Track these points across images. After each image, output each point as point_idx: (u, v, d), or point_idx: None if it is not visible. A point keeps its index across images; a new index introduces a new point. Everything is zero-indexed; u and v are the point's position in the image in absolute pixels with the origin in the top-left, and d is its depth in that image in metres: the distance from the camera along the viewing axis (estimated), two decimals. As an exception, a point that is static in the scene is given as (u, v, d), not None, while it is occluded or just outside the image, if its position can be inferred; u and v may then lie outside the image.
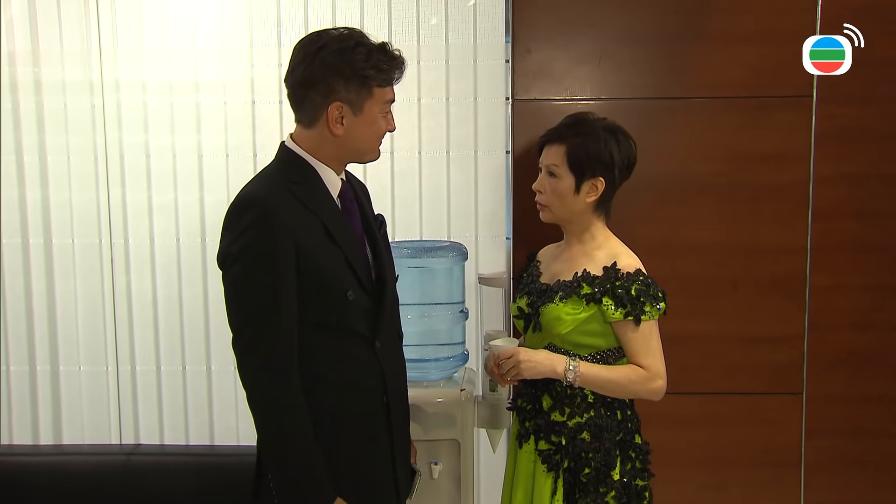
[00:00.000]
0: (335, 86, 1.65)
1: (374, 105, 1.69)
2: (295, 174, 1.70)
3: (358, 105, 1.67)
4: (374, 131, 1.72)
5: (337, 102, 1.66)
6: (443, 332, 2.45)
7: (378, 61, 1.66)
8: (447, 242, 2.59)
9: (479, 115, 2.69)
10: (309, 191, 1.69)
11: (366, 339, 1.73)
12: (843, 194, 2.57)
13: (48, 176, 2.75)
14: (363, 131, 1.70)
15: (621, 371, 1.89)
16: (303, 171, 1.71)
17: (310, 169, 1.71)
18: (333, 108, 1.66)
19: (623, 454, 1.93)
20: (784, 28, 2.53)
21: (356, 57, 1.64)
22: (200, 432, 2.83)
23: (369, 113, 1.69)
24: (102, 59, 2.70)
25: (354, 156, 1.76)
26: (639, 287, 1.86)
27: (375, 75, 1.66)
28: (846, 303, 2.60)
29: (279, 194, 1.65)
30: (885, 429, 2.65)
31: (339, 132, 1.68)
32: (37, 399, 2.83)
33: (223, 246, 1.64)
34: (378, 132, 1.73)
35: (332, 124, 1.67)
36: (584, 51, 2.56)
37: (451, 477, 2.35)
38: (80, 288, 2.79)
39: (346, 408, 1.71)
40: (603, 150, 1.91)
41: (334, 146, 1.71)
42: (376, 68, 1.66)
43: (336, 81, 1.65)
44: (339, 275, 1.68)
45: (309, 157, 1.71)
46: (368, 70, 1.65)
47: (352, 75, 1.64)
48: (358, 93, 1.66)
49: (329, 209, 1.70)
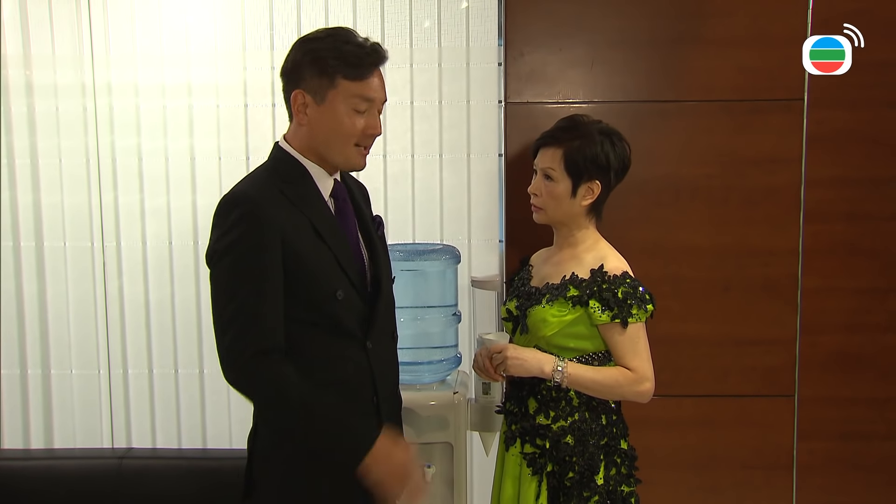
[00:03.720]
0: (301, 72, 1.65)
1: (339, 97, 1.65)
2: (285, 173, 1.69)
3: (320, 95, 1.65)
4: (339, 127, 1.67)
5: (299, 90, 1.66)
6: (436, 335, 2.45)
7: (345, 52, 1.64)
8: (440, 245, 2.59)
9: (472, 118, 2.70)
10: (298, 190, 1.68)
11: (356, 339, 1.71)
12: (834, 197, 2.58)
13: (40, 179, 2.74)
14: (326, 123, 1.66)
15: (609, 373, 1.89)
16: (293, 170, 1.70)
17: (300, 168, 1.71)
18: (297, 94, 1.66)
19: (608, 459, 1.93)
20: (776, 32, 2.54)
21: (322, 45, 1.64)
22: (193, 436, 2.82)
23: (333, 104, 1.65)
24: (94, 62, 2.70)
25: (325, 152, 1.70)
26: (625, 290, 1.87)
27: (338, 66, 1.63)
28: (837, 305, 2.61)
29: (267, 192, 1.64)
30: (877, 431, 2.66)
31: (304, 122, 1.67)
32: (28, 403, 2.82)
33: (210, 243, 1.64)
34: (344, 129, 1.67)
35: (296, 113, 1.68)
36: (576, 54, 2.57)
37: (443, 480, 2.35)
38: (71, 291, 2.78)
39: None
40: (599, 153, 1.91)
41: (305, 142, 1.70)
42: (340, 59, 1.63)
43: (303, 69, 1.65)
44: (328, 274, 1.66)
45: (299, 155, 1.71)
46: (332, 60, 1.63)
47: (314, 62, 1.64)
48: (320, 81, 1.64)
49: (318, 208, 1.69)
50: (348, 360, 1.71)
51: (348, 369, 1.71)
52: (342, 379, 1.70)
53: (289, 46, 1.73)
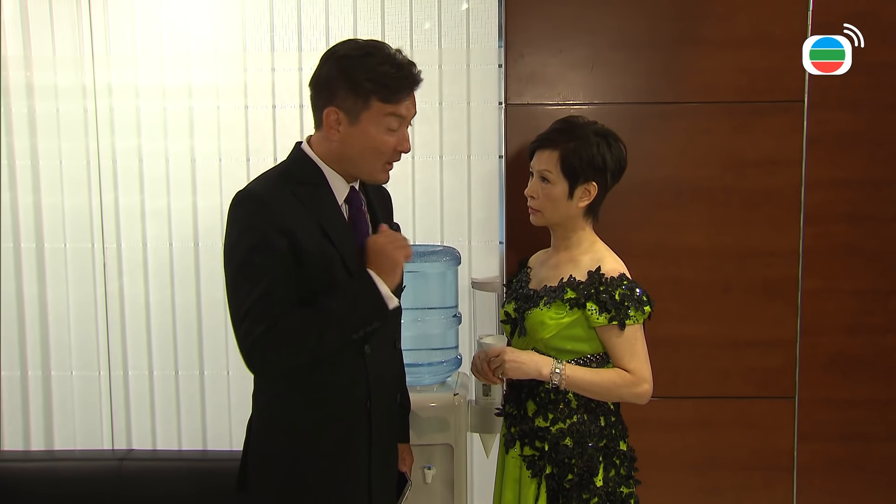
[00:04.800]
0: (336, 90, 1.64)
1: (373, 118, 1.64)
2: (300, 175, 1.69)
3: (354, 114, 1.64)
4: (373, 146, 1.67)
5: (332, 108, 1.64)
6: (436, 336, 2.45)
7: (382, 75, 1.62)
8: (440, 247, 2.59)
9: (472, 120, 2.70)
10: (310, 192, 1.68)
11: (354, 343, 1.70)
12: (834, 199, 2.58)
13: (40, 180, 2.75)
14: (359, 143, 1.66)
15: (607, 374, 1.89)
16: (309, 173, 1.70)
17: (318, 172, 1.70)
18: (329, 111, 1.65)
19: (607, 461, 1.92)
20: (776, 33, 2.54)
21: (360, 66, 1.62)
22: (193, 437, 2.82)
23: (367, 125, 1.65)
24: (95, 64, 2.70)
25: (352, 166, 1.71)
26: (623, 291, 1.86)
27: (374, 89, 1.62)
28: (838, 307, 2.61)
29: (277, 191, 1.64)
30: (878, 432, 2.66)
31: (335, 139, 1.67)
32: (28, 404, 2.82)
33: (224, 245, 1.65)
34: (376, 148, 1.67)
35: (327, 129, 1.66)
36: (577, 56, 2.57)
37: (444, 481, 2.35)
38: (72, 292, 2.78)
39: (326, 411, 1.70)
40: (596, 154, 1.91)
41: (332, 154, 1.70)
42: (377, 82, 1.62)
43: (338, 86, 1.63)
44: (332, 275, 1.66)
45: (319, 161, 1.71)
46: (366, 83, 1.61)
47: (349, 82, 1.62)
48: (355, 102, 1.63)
49: (328, 211, 1.69)
50: (343, 364, 1.70)
51: (342, 372, 1.70)
52: (336, 381, 1.70)
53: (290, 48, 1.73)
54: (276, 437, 1.71)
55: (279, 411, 1.71)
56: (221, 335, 2.79)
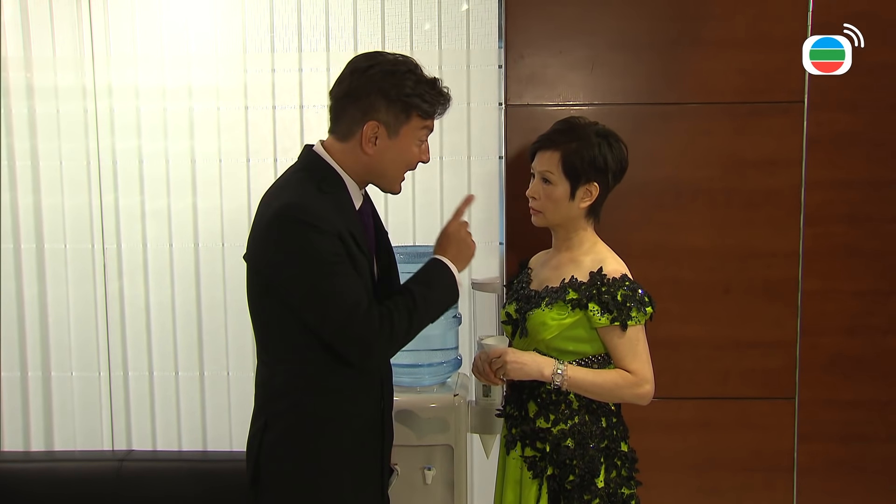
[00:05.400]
0: (377, 104, 1.66)
1: (411, 132, 1.69)
2: (324, 183, 1.70)
3: (395, 129, 1.68)
4: (405, 159, 1.72)
5: (374, 122, 1.66)
6: (436, 337, 2.45)
7: (424, 91, 1.67)
8: (440, 248, 2.58)
9: (472, 121, 2.70)
10: (337, 200, 1.69)
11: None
12: (834, 199, 2.58)
13: (40, 181, 2.75)
14: (394, 156, 1.70)
15: (609, 375, 1.89)
16: (332, 181, 1.71)
17: (338, 179, 1.72)
18: (370, 126, 1.66)
19: (608, 462, 1.92)
20: (776, 34, 2.54)
21: (405, 82, 1.66)
22: (193, 438, 2.82)
23: (405, 139, 1.69)
24: (95, 65, 2.70)
25: (378, 180, 1.75)
26: (625, 292, 1.86)
27: (419, 104, 1.67)
28: (838, 307, 2.61)
29: (317, 199, 1.65)
30: (878, 433, 2.66)
31: (371, 151, 1.68)
32: (28, 405, 2.82)
33: (278, 258, 1.63)
34: (408, 161, 1.73)
35: (365, 142, 1.67)
36: (577, 56, 2.57)
37: (444, 482, 2.35)
38: (72, 293, 2.78)
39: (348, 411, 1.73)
40: (597, 155, 1.91)
41: (361, 166, 1.71)
42: (421, 97, 1.67)
43: (378, 100, 1.65)
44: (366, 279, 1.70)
45: (337, 167, 1.72)
46: (413, 97, 1.66)
47: (396, 98, 1.65)
48: (397, 116, 1.67)
49: (354, 220, 1.71)
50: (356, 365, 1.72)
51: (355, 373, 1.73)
52: (351, 383, 1.73)
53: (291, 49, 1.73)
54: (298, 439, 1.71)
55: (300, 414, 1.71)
56: (221, 336, 2.79)
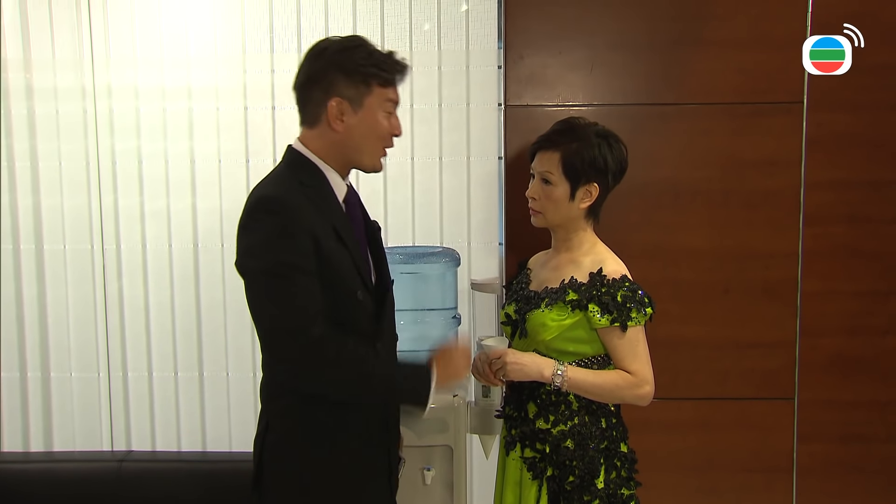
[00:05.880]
0: (336, 81, 1.68)
1: (375, 102, 1.70)
2: (305, 176, 1.71)
3: (358, 101, 1.69)
4: (376, 131, 1.73)
5: (337, 98, 1.68)
6: (435, 337, 2.45)
7: (379, 60, 1.70)
8: (440, 248, 2.59)
9: (472, 121, 2.70)
10: (319, 193, 1.70)
11: (369, 340, 1.74)
12: (833, 200, 2.59)
13: (40, 182, 2.74)
14: (363, 129, 1.71)
15: (609, 376, 1.89)
16: (312, 174, 1.72)
17: (318, 171, 1.73)
18: (334, 102, 1.68)
19: (608, 462, 1.92)
20: (775, 35, 2.54)
21: (358, 54, 1.68)
22: (192, 439, 2.82)
23: (369, 110, 1.70)
24: (94, 66, 2.70)
25: (355, 156, 1.75)
26: (625, 293, 1.86)
27: (376, 73, 1.69)
28: (837, 308, 2.61)
29: (293, 193, 1.66)
30: (877, 433, 2.66)
31: (340, 128, 1.69)
32: (27, 406, 2.82)
33: (243, 247, 1.64)
34: (379, 132, 1.73)
35: (332, 120, 1.69)
36: (576, 57, 2.57)
37: (443, 483, 2.35)
38: (71, 294, 2.78)
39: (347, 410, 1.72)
40: (597, 156, 1.91)
41: (336, 146, 1.72)
42: (377, 66, 1.69)
43: (336, 77, 1.68)
44: (350, 276, 1.69)
45: (318, 160, 1.73)
46: (369, 67, 1.68)
47: (353, 71, 1.67)
48: (357, 88, 1.68)
49: (337, 212, 1.72)
50: None
51: None
52: None
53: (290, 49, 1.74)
54: (298, 439, 1.71)
55: (300, 414, 1.71)
56: (221, 337, 2.79)
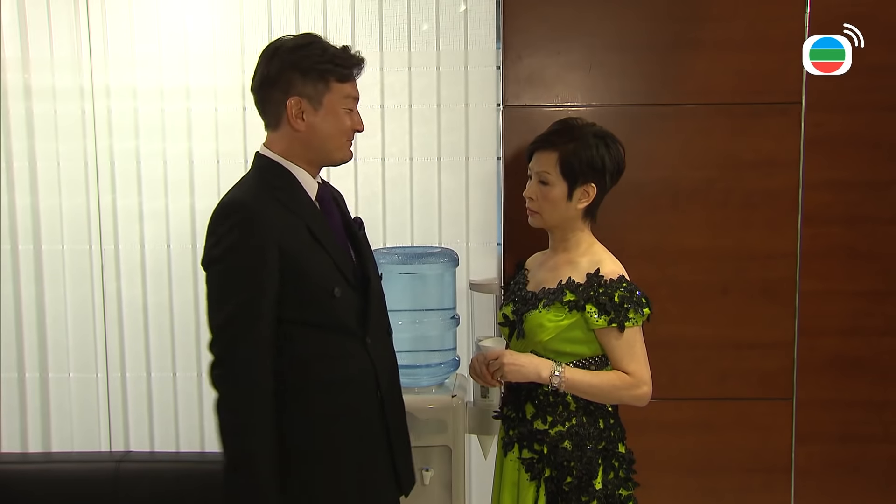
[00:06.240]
0: (293, 81, 1.68)
1: (334, 99, 1.71)
2: (274, 179, 1.71)
3: (317, 99, 1.69)
4: (337, 127, 1.73)
5: (295, 97, 1.68)
6: (434, 338, 2.45)
7: (333, 56, 1.70)
8: (438, 249, 2.59)
9: (470, 122, 2.70)
10: (289, 194, 1.71)
11: (356, 335, 1.75)
12: (832, 200, 2.59)
13: (38, 182, 2.74)
14: (325, 127, 1.72)
15: (606, 377, 1.89)
16: (281, 176, 1.73)
17: (286, 173, 1.73)
18: (292, 102, 1.68)
19: (606, 463, 1.92)
20: (773, 35, 2.54)
21: (311, 52, 1.68)
22: (191, 439, 2.82)
23: (329, 107, 1.71)
24: (93, 66, 2.70)
25: (322, 154, 1.76)
26: (622, 294, 1.86)
27: (332, 69, 1.69)
28: (836, 308, 2.62)
29: (262, 198, 1.67)
30: (876, 433, 2.66)
31: (301, 127, 1.70)
32: (26, 406, 2.81)
33: (207, 248, 1.66)
34: (341, 128, 1.74)
35: (292, 120, 1.69)
36: (575, 57, 2.57)
37: (442, 483, 2.35)
38: (69, 294, 2.78)
39: (342, 406, 1.73)
40: (595, 156, 1.91)
41: (301, 145, 1.72)
42: (332, 63, 1.69)
43: (293, 76, 1.68)
44: (325, 274, 1.69)
45: (285, 161, 1.73)
46: (324, 63, 1.68)
47: (308, 69, 1.68)
48: (315, 86, 1.69)
49: (310, 211, 1.73)
50: (350, 357, 1.74)
51: (350, 366, 1.73)
52: (346, 376, 1.73)
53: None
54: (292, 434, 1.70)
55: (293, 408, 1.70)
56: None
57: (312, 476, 1.71)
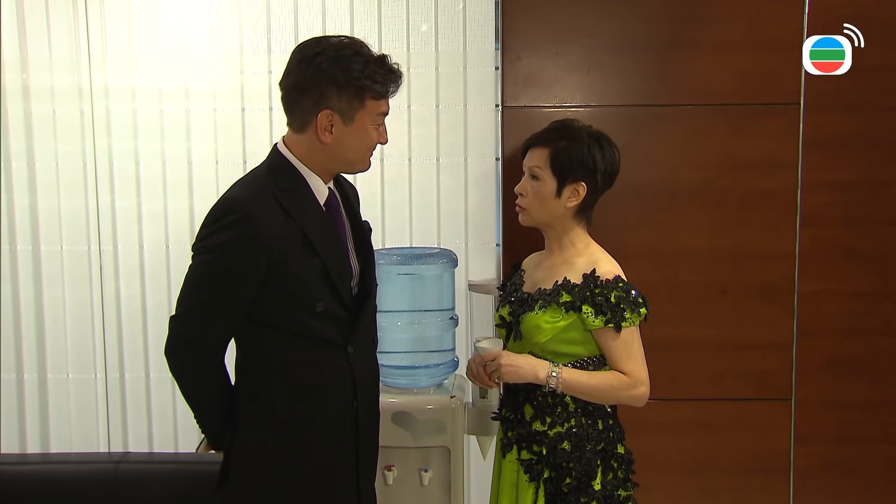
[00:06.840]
0: (328, 93, 1.63)
1: (366, 116, 1.67)
2: (282, 180, 1.68)
3: (349, 115, 1.65)
4: (364, 143, 1.70)
5: (327, 111, 1.64)
6: (433, 338, 2.45)
7: (374, 73, 1.64)
8: (437, 249, 2.59)
9: (469, 122, 2.70)
10: (294, 198, 1.68)
11: (338, 345, 1.73)
12: (830, 201, 2.59)
13: (37, 182, 2.74)
14: (352, 142, 1.68)
15: (604, 377, 1.89)
16: (290, 178, 1.69)
17: (298, 176, 1.70)
18: (323, 115, 1.64)
19: (605, 464, 1.92)
20: (772, 36, 2.55)
21: (352, 66, 1.62)
22: (190, 440, 2.81)
23: (360, 124, 1.67)
24: (91, 66, 2.69)
25: (343, 166, 1.74)
26: (618, 294, 1.86)
27: (370, 86, 1.64)
28: (834, 309, 2.62)
29: (263, 201, 1.64)
30: (874, 434, 2.66)
31: (328, 140, 1.66)
32: (24, 407, 2.81)
33: (198, 238, 1.67)
34: (368, 144, 1.71)
35: (320, 132, 1.65)
36: (573, 58, 2.57)
37: (441, 484, 2.35)
38: (68, 295, 2.78)
39: (317, 411, 1.71)
40: (586, 154, 1.91)
41: (322, 154, 1.69)
42: (371, 79, 1.63)
43: (329, 89, 1.62)
44: (312, 286, 1.67)
45: (298, 163, 1.70)
46: (364, 80, 1.62)
47: (346, 84, 1.62)
48: (350, 103, 1.64)
49: (313, 218, 1.69)
50: (327, 365, 1.72)
51: (326, 374, 1.72)
52: (321, 383, 1.72)
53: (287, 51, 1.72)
54: (263, 437, 1.71)
55: (265, 412, 1.71)
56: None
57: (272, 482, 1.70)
